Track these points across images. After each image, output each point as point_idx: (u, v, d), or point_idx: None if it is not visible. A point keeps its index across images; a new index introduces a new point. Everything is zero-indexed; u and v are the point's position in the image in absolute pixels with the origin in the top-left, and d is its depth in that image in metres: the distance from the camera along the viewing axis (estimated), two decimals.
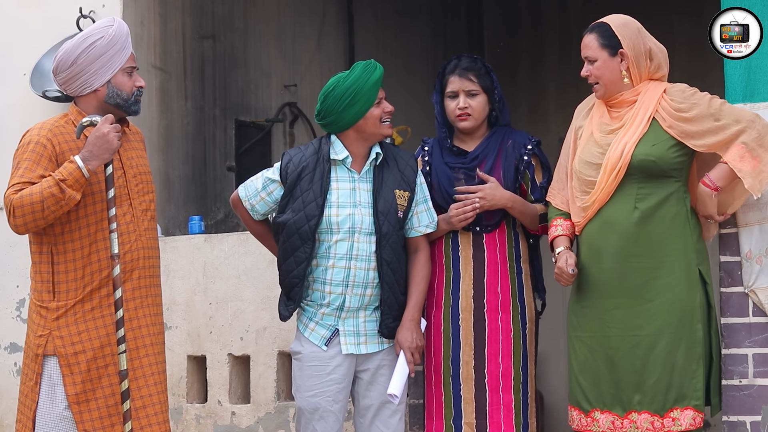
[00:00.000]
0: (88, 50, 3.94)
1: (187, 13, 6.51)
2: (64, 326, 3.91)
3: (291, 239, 4.18)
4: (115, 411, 3.92)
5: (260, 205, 4.31)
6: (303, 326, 4.25)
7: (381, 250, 4.18)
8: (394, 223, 4.21)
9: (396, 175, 4.26)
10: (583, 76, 4.18)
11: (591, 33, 4.16)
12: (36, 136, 3.94)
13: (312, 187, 4.19)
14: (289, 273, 4.20)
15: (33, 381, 3.93)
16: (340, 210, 4.18)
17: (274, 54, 7.25)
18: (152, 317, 4.06)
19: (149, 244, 4.06)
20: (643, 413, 4.05)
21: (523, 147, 4.39)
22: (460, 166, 4.37)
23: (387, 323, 4.22)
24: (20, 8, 6.00)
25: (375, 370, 4.24)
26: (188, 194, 6.41)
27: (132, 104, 4.03)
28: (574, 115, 4.33)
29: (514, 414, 4.30)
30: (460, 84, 4.36)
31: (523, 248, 4.43)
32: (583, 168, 4.15)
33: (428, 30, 8.72)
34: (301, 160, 4.24)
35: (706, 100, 4.08)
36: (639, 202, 4.06)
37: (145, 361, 3.98)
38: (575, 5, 8.67)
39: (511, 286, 4.35)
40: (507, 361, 4.31)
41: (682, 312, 4.04)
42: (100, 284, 3.94)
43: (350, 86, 4.17)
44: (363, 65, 4.22)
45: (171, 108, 6.33)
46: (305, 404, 4.21)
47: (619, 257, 4.07)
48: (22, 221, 3.83)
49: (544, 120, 8.30)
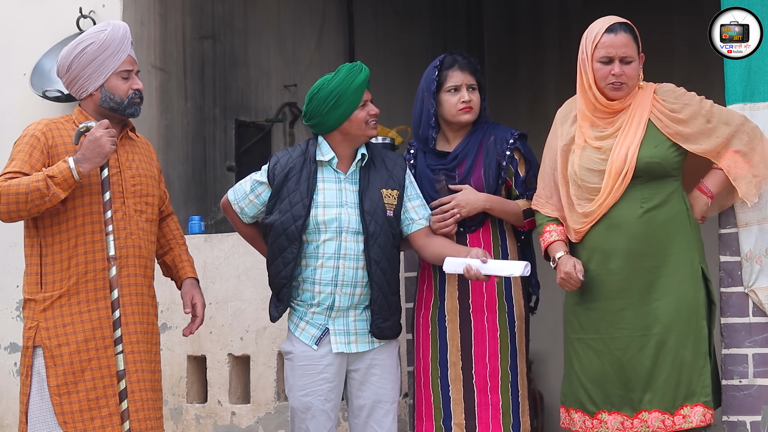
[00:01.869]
0: (80, 56, 4.01)
1: (187, 13, 6.51)
2: (50, 318, 3.96)
3: (278, 240, 4.21)
4: (95, 405, 3.93)
5: (249, 208, 4.33)
6: (294, 326, 4.26)
7: (369, 250, 4.19)
8: (381, 222, 4.21)
9: (383, 175, 4.27)
10: (616, 74, 4.03)
11: (624, 32, 4.05)
12: (32, 129, 4.02)
13: (299, 188, 4.21)
14: (278, 274, 4.23)
15: (25, 375, 3.99)
16: (327, 210, 4.19)
17: (274, 54, 7.25)
18: (141, 316, 4.06)
19: (141, 244, 4.07)
20: (653, 412, 4.04)
21: (505, 142, 4.37)
22: (440, 167, 4.37)
23: (378, 323, 4.22)
24: (20, 8, 6.00)
25: (366, 369, 4.24)
26: (188, 194, 6.41)
27: (126, 107, 4.06)
28: (556, 122, 4.28)
29: (502, 414, 4.30)
30: (462, 78, 4.36)
31: (511, 246, 4.40)
32: (584, 175, 4.13)
33: (428, 30, 8.72)
34: (288, 161, 4.27)
35: (696, 100, 4.09)
36: (644, 202, 4.06)
37: (130, 358, 3.99)
38: (575, 5, 8.67)
39: (497, 285, 4.33)
40: (494, 361, 4.31)
41: (689, 310, 4.04)
42: (87, 278, 3.96)
43: (335, 89, 4.19)
44: (348, 68, 4.23)
45: (171, 108, 6.33)
46: (297, 404, 4.23)
47: (627, 258, 4.06)
48: (5, 209, 3.88)
49: (544, 119, 8.23)
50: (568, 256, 4.15)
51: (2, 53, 6.00)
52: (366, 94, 4.22)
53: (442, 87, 4.37)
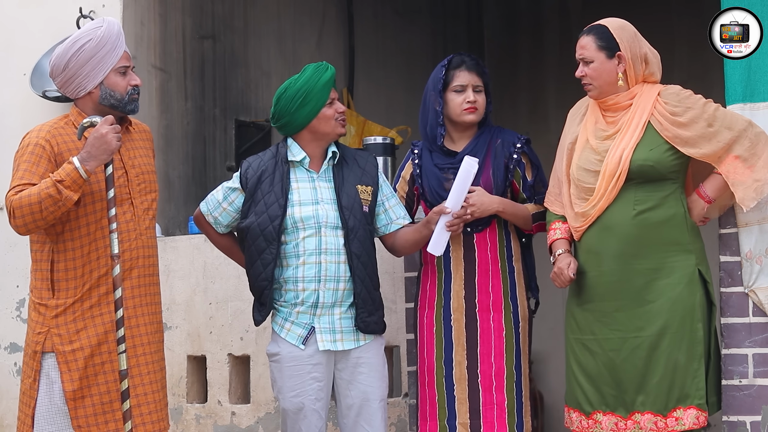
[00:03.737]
0: (78, 54, 3.96)
1: (187, 13, 6.51)
2: (62, 324, 3.93)
3: (256, 242, 4.22)
4: (109, 408, 3.93)
5: (223, 216, 4.35)
6: (279, 327, 4.26)
7: (350, 244, 4.21)
8: (359, 217, 4.24)
9: (356, 172, 4.30)
10: (578, 77, 4.18)
11: (588, 35, 4.16)
12: (35, 137, 3.96)
13: (273, 189, 4.23)
14: (258, 276, 4.23)
15: (32, 378, 3.95)
16: (303, 207, 4.22)
17: (274, 54, 7.25)
18: (150, 316, 4.07)
19: (149, 243, 4.08)
20: (646, 414, 4.05)
21: (513, 146, 4.41)
22: (449, 166, 4.38)
23: (363, 317, 4.23)
24: (20, 8, 6.00)
25: (353, 368, 4.24)
26: (188, 194, 6.41)
27: (127, 104, 4.04)
28: (568, 120, 4.33)
29: (507, 413, 4.30)
30: (469, 78, 4.38)
31: (515, 247, 4.42)
32: (581, 175, 4.15)
33: (428, 30, 8.72)
34: (260, 164, 4.29)
35: (700, 104, 4.08)
36: (637, 205, 4.06)
37: (142, 359, 4.00)
38: (575, 5, 8.67)
39: (503, 285, 4.35)
40: (500, 360, 4.32)
41: (683, 312, 4.04)
42: (99, 282, 3.95)
43: (301, 87, 4.23)
44: (314, 66, 4.27)
45: (171, 108, 6.33)
46: (289, 405, 4.23)
47: (619, 260, 4.07)
48: (22, 222, 3.85)
49: (544, 120, 8.30)
50: (567, 254, 4.16)
51: (2, 53, 6.00)
52: (333, 92, 4.27)
53: (449, 86, 4.39)
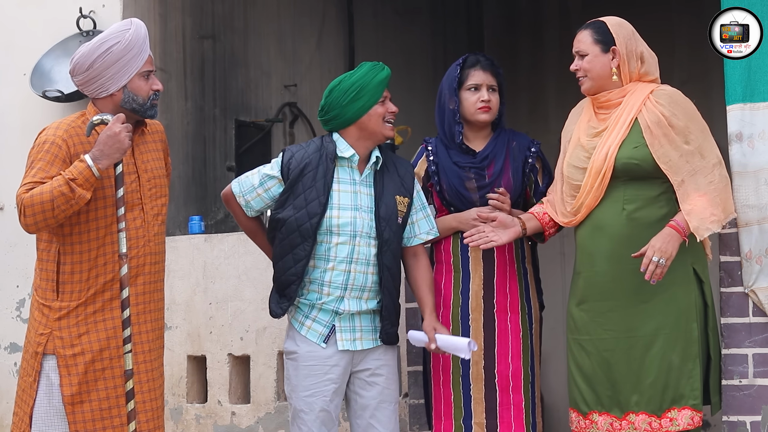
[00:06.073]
0: (105, 55, 3.91)
1: (187, 13, 6.51)
2: (65, 327, 3.91)
3: (291, 236, 4.15)
4: (108, 414, 3.92)
5: (255, 202, 4.26)
6: (299, 324, 4.21)
7: (382, 256, 4.17)
8: (395, 229, 4.20)
9: (396, 181, 4.25)
10: (572, 70, 4.18)
11: (585, 29, 4.18)
12: (52, 136, 3.91)
13: (315, 185, 4.15)
14: (287, 270, 4.17)
15: (32, 378, 3.93)
16: (342, 212, 4.16)
17: (274, 54, 7.25)
18: (153, 323, 4.05)
19: (157, 249, 4.04)
20: (640, 414, 4.05)
21: (528, 150, 4.41)
22: (470, 165, 4.37)
23: (387, 329, 4.21)
24: (20, 8, 6.00)
25: (375, 369, 4.22)
26: (188, 194, 6.41)
27: (148, 109, 4.00)
28: (568, 119, 4.33)
29: (524, 413, 4.31)
30: (484, 77, 4.38)
31: (527, 249, 4.44)
32: (570, 172, 4.16)
33: (428, 30, 8.72)
34: (304, 156, 4.20)
35: (688, 115, 4.04)
36: (627, 204, 4.06)
37: (142, 367, 3.97)
38: (575, 5, 8.67)
39: (519, 286, 4.37)
40: (517, 361, 4.32)
41: (678, 312, 4.04)
42: (104, 288, 3.92)
43: (356, 81, 4.17)
44: (371, 64, 4.23)
45: (171, 108, 6.33)
46: (301, 404, 4.17)
47: (612, 260, 4.07)
48: (32, 220, 3.81)
49: (544, 120, 8.30)
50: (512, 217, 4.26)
51: (2, 53, 6.00)
52: (386, 92, 4.22)
53: (463, 85, 4.39)
